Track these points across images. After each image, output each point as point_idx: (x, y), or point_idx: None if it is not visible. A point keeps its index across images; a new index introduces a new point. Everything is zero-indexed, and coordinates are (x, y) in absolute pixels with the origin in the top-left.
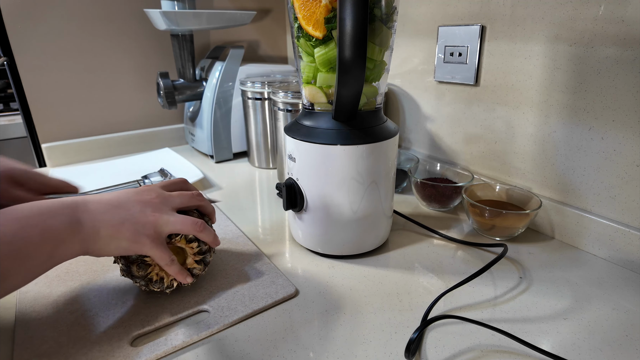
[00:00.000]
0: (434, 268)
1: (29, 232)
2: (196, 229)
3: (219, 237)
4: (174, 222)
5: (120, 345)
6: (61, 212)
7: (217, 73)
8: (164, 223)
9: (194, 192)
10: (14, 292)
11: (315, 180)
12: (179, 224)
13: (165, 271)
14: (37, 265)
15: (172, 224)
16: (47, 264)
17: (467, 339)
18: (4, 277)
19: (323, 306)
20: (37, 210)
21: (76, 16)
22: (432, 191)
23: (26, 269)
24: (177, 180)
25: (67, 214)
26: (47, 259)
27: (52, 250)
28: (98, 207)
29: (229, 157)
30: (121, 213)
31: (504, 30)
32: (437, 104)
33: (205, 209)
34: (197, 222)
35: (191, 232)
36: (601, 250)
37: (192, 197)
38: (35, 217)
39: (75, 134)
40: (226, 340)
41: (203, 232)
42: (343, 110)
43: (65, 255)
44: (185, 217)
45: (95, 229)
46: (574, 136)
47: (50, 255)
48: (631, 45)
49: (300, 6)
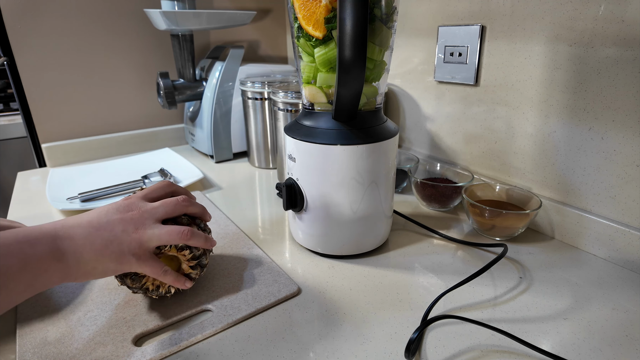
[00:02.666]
0: (434, 268)
1: (7, 262)
2: (183, 238)
3: (215, 239)
4: (159, 234)
5: (124, 345)
6: (40, 240)
7: (217, 73)
8: (149, 239)
9: (179, 197)
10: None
11: (315, 180)
12: (165, 236)
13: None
14: (16, 294)
15: (158, 236)
16: (26, 293)
17: (467, 339)
18: None
19: (323, 306)
20: (14, 239)
21: (76, 16)
22: (432, 191)
23: (4, 299)
24: (161, 184)
25: (46, 243)
26: (27, 288)
27: (31, 279)
28: (79, 231)
29: (229, 157)
30: (103, 235)
31: (504, 30)
32: (437, 104)
33: (193, 213)
34: (182, 231)
35: (179, 241)
36: (601, 250)
37: (176, 205)
38: (13, 245)
39: (75, 134)
40: (226, 340)
41: (192, 239)
42: (343, 110)
43: (45, 284)
44: (171, 228)
45: (77, 255)
46: (574, 136)
47: (30, 284)
48: (631, 45)
49: (300, 6)
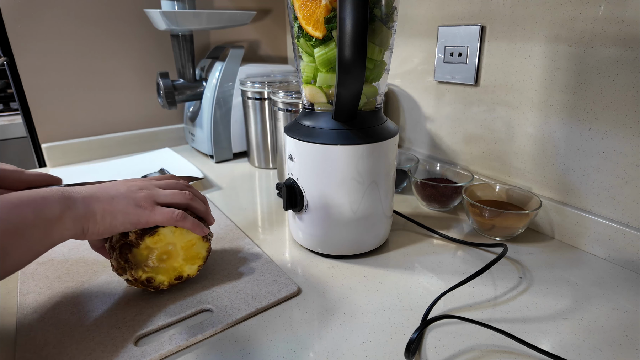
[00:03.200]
0: (434, 268)
1: (22, 211)
2: (176, 219)
3: (215, 239)
4: (165, 194)
5: (124, 345)
6: (51, 195)
7: (217, 73)
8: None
9: (184, 191)
10: (15, 272)
11: (315, 180)
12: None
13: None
14: (34, 244)
15: (164, 195)
16: (44, 243)
17: (467, 339)
18: (2, 254)
19: (323, 306)
20: (27, 195)
21: (76, 16)
22: (432, 191)
23: (23, 248)
24: (179, 184)
25: (57, 197)
26: (43, 238)
27: (46, 228)
28: (86, 189)
29: (229, 157)
30: (110, 191)
31: (504, 30)
32: (437, 104)
33: (196, 210)
34: (174, 212)
35: (171, 223)
36: (601, 250)
37: (183, 195)
38: (26, 199)
39: (75, 134)
40: (226, 340)
41: (182, 222)
42: (343, 110)
43: (61, 234)
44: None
45: (86, 205)
46: (574, 136)
47: (46, 233)
48: (631, 45)
49: (300, 6)
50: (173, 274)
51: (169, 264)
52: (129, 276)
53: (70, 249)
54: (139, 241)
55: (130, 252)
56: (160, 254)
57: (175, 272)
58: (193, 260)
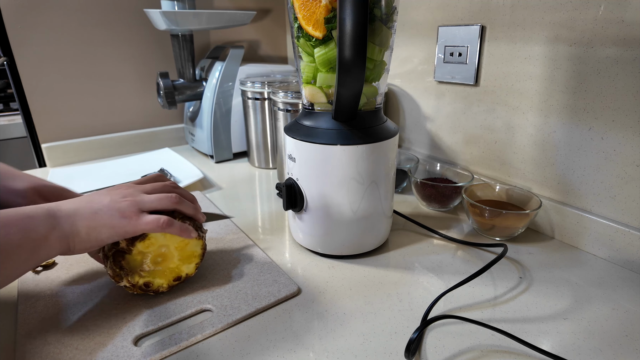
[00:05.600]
0: (434, 268)
1: (8, 232)
2: (162, 226)
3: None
4: (151, 200)
5: (124, 345)
6: (37, 215)
7: (217, 73)
8: (141, 201)
9: (170, 194)
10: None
11: (315, 180)
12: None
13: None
14: (20, 264)
15: (149, 202)
16: (29, 263)
17: (467, 339)
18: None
19: (323, 306)
20: (13, 214)
21: (76, 16)
22: (432, 191)
23: (9, 268)
24: (166, 185)
25: (42, 216)
26: (29, 257)
27: (33, 249)
28: (70, 205)
29: (229, 157)
30: (93, 205)
31: (504, 31)
32: (437, 104)
33: (184, 211)
34: (160, 219)
35: (158, 231)
36: (601, 250)
37: (169, 199)
38: (12, 218)
39: (75, 134)
40: (226, 340)
41: (169, 228)
42: (343, 110)
43: (47, 253)
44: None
45: (71, 223)
46: (574, 136)
47: (32, 253)
48: (631, 46)
49: (300, 6)
50: (171, 276)
51: (165, 266)
52: (127, 283)
53: None
54: (130, 247)
55: (123, 259)
56: (155, 257)
57: (172, 273)
58: (189, 259)
